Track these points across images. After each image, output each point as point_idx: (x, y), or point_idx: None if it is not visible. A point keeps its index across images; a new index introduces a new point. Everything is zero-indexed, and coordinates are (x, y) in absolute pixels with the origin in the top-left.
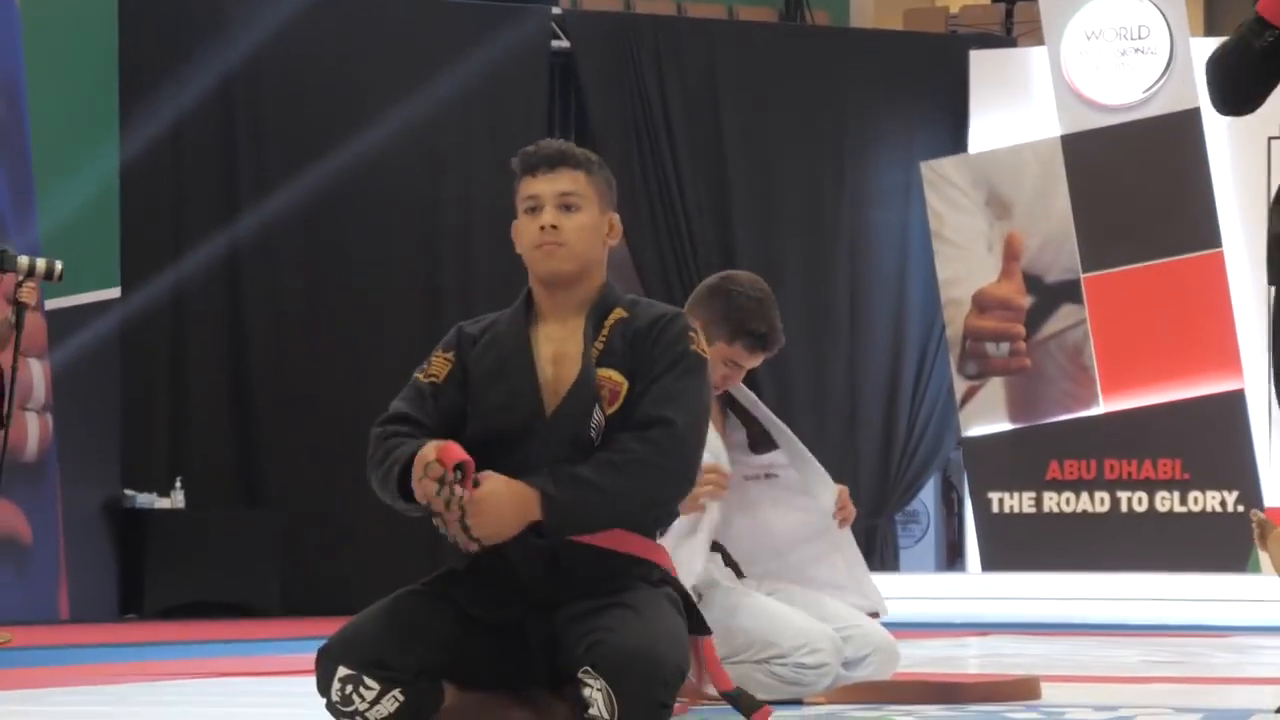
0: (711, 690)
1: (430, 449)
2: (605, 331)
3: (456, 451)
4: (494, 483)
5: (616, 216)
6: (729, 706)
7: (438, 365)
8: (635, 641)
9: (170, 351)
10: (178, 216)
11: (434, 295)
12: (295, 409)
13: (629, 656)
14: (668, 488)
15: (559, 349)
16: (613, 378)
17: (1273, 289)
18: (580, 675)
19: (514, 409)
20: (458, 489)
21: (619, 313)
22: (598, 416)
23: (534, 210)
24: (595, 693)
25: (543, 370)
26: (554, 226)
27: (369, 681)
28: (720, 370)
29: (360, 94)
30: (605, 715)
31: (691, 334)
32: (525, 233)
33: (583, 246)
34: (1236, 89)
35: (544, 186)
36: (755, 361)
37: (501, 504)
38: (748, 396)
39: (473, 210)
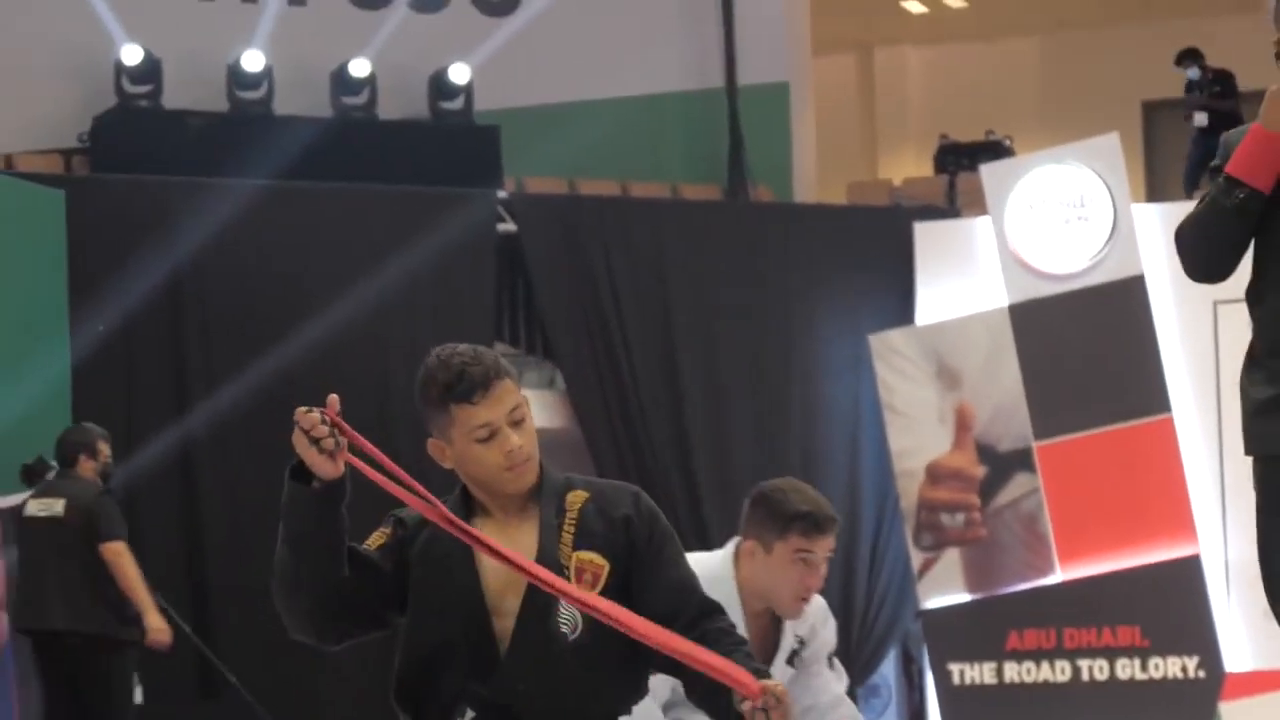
0: None
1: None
2: (574, 514)
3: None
4: None
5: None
6: None
7: (374, 537)
8: None
9: None
10: (128, 414)
11: None
12: (252, 604)
13: None
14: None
15: (511, 539)
16: (594, 561)
17: (1251, 459)
18: None
19: (458, 613)
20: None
21: (581, 494)
22: (571, 614)
23: (489, 438)
24: None
25: (489, 571)
26: (522, 447)
27: None
28: (796, 571)
29: (307, 284)
30: None
31: (665, 521)
32: (486, 460)
33: (537, 455)
34: (1212, 255)
35: (491, 412)
36: (822, 546)
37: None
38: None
39: None
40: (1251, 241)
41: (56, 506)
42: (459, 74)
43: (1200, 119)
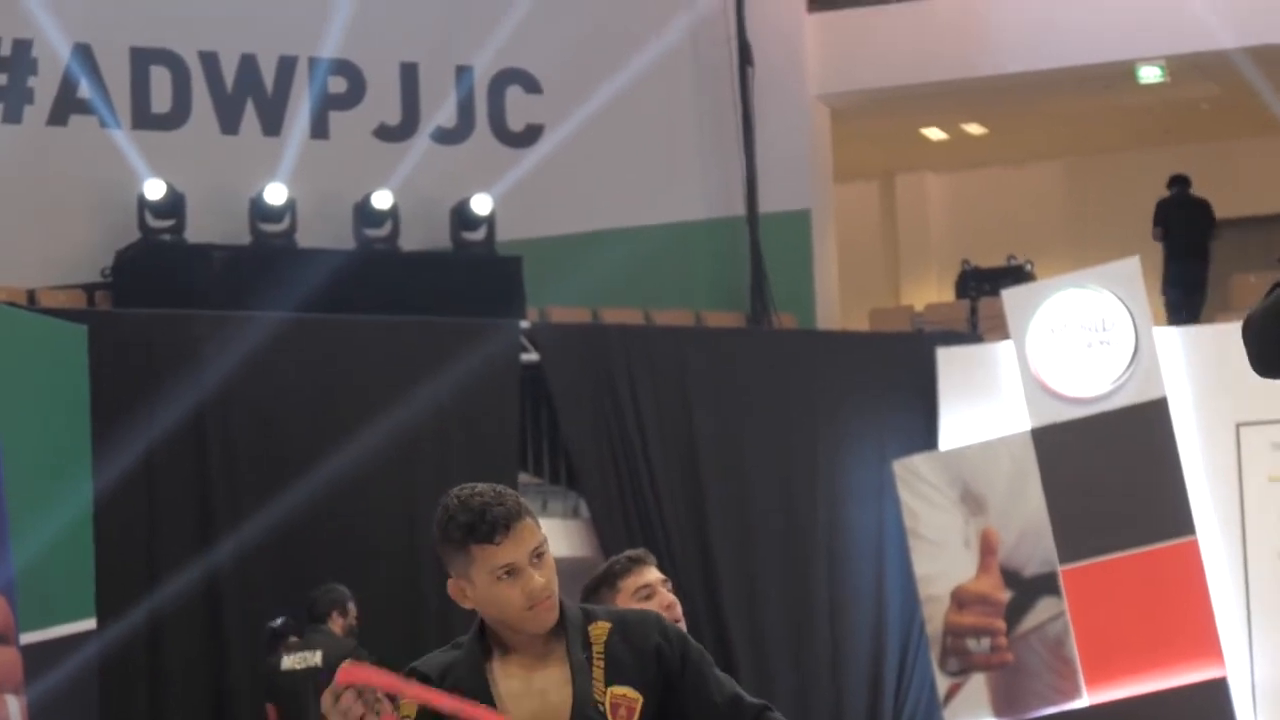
0: None
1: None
2: (600, 648)
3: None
4: None
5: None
6: None
7: (406, 707)
8: None
9: (149, 682)
10: (153, 546)
11: (413, 614)
12: None
13: None
14: None
15: (531, 684)
16: (628, 695)
17: None
18: None
19: None
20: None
21: (604, 625)
22: None
23: (511, 575)
24: None
25: (520, 708)
26: (546, 586)
27: None
28: (642, 606)
29: (332, 415)
30: None
31: (686, 634)
32: (509, 600)
33: (558, 587)
34: (1275, 351)
35: (514, 553)
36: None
37: None
38: None
39: None
40: None
41: (314, 658)
42: (481, 205)
43: (1157, 234)
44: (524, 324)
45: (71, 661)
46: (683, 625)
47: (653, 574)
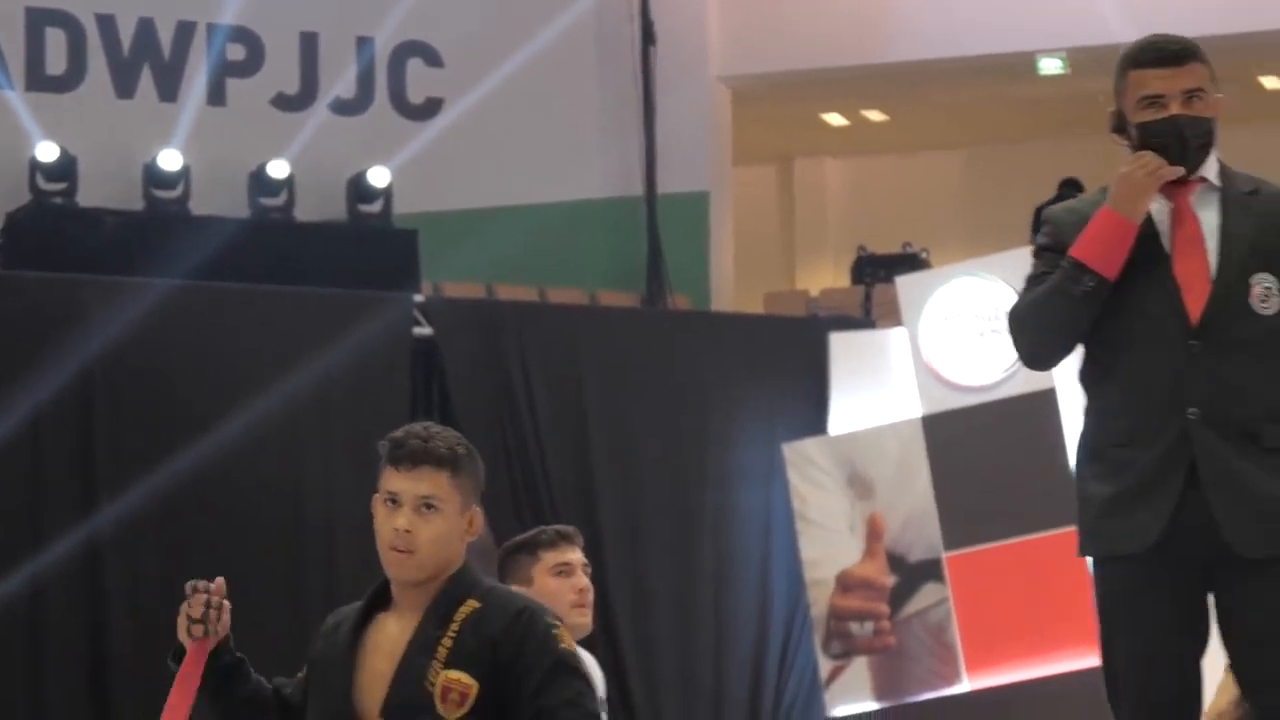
0: None
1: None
2: (456, 626)
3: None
4: None
5: (479, 511)
6: None
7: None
8: None
9: (26, 648)
10: (35, 511)
11: (296, 587)
12: (157, 704)
13: None
14: None
15: (390, 641)
16: (461, 680)
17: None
18: None
19: (331, 713)
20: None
21: (471, 605)
22: None
23: (393, 504)
24: None
25: (371, 668)
26: (408, 531)
27: None
28: (557, 582)
29: (221, 384)
30: None
31: (555, 631)
32: (382, 529)
33: (436, 555)
34: (1055, 342)
35: (405, 485)
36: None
37: None
38: None
39: (336, 500)
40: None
41: None
42: (378, 177)
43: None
44: (418, 298)
45: None
46: (589, 612)
47: (575, 554)
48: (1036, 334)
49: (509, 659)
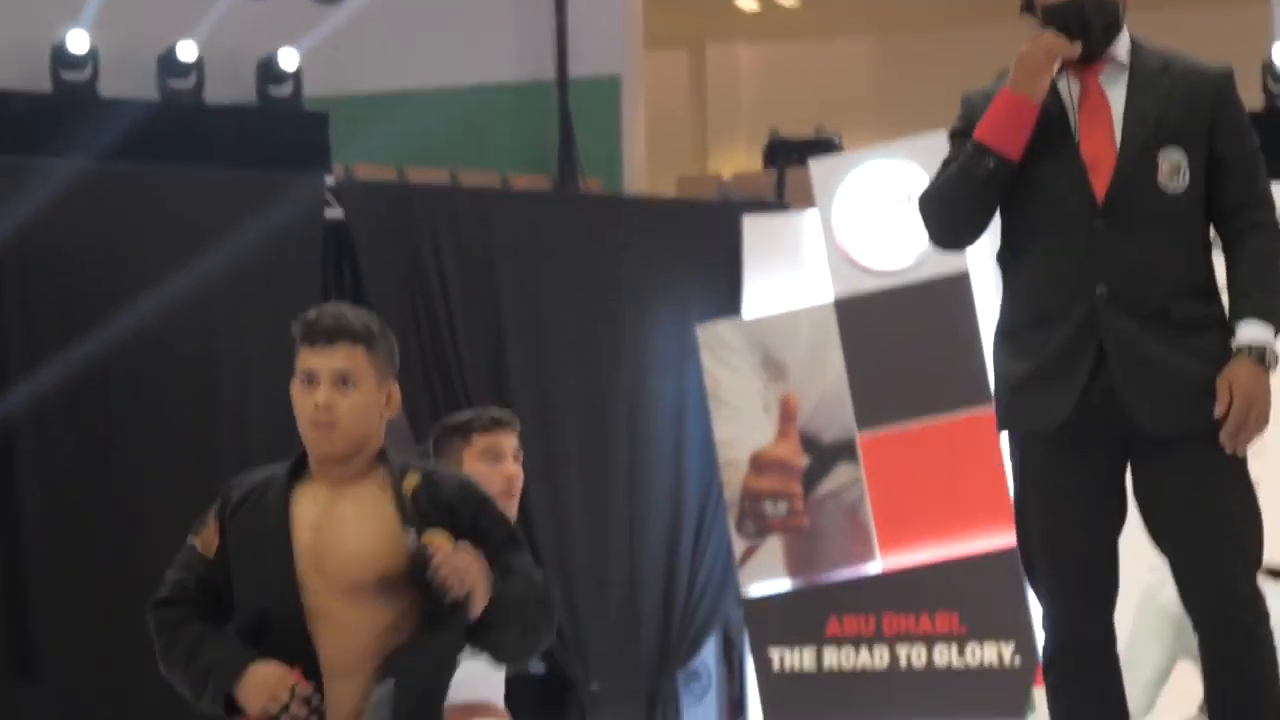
0: None
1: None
2: (409, 496)
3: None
4: None
5: (396, 388)
6: None
7: (206, 535)
8: None
9: None
10: None
11: (209, 467)
12: (70, 585)
13: None
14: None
15: (323, 514)
16: (446, 542)
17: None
18: None
19: (267, 583)
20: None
21: (415, 478)
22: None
23: (310, 383)
24: None
25: (301, 538)
26: (327, 406)
27: None
28: (484, 466)
29: (131, 267)
30: None
31: (496, 506)
32: (300, 407)
33: (357, 428)
34: (961, 223)
35: (320, 361)
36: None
37: None
38: None
39: (248, 383)
40: (996, 208)
41: None
42: (288, 59)
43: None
44: (329, 180)
45: None
46: (515, 502)
47: (510, 441)
48: (943, 216)
49: (466, 529)
